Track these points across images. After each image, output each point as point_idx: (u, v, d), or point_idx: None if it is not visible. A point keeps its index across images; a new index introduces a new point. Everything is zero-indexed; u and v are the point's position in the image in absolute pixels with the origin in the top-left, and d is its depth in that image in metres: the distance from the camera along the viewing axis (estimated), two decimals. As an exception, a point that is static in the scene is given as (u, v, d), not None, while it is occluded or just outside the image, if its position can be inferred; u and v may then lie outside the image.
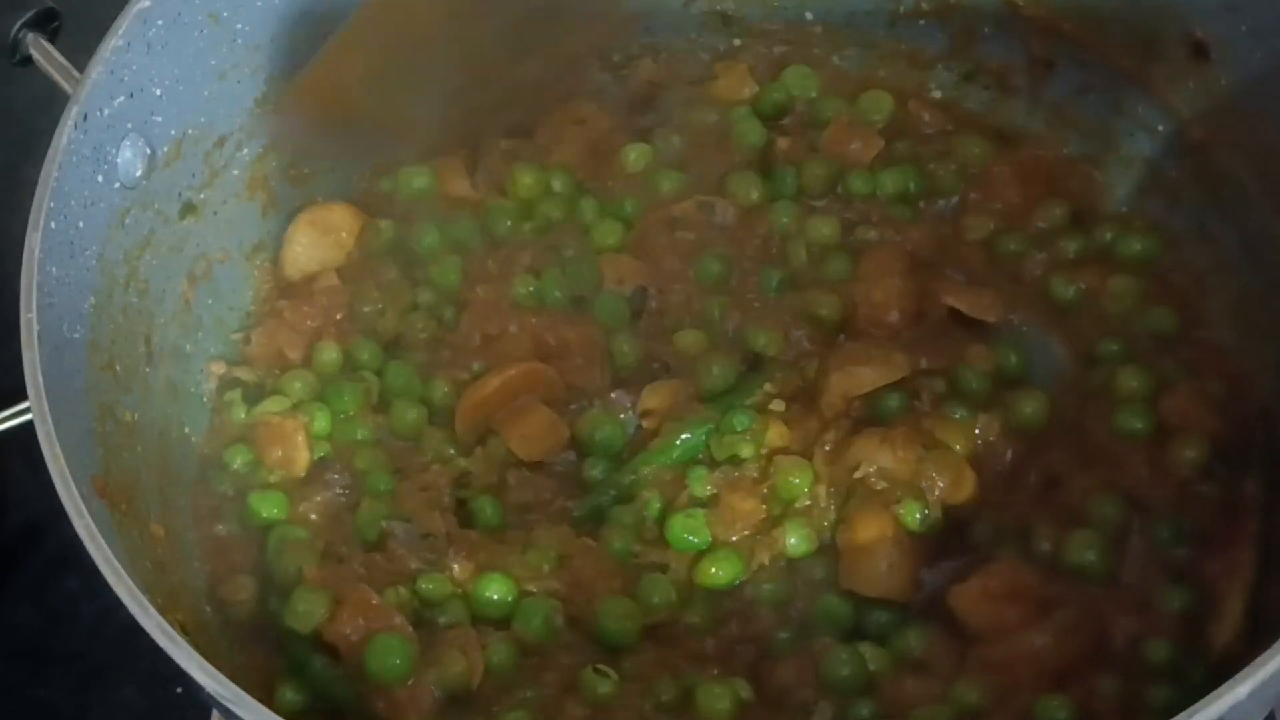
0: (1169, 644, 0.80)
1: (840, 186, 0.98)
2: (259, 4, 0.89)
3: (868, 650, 0.81)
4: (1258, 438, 0.86)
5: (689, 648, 0.83)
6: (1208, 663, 0.79)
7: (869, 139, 0.98)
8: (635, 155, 1.00)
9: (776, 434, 0.88)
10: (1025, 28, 0.97)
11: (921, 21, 1.00)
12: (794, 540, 0.85)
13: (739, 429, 0.87)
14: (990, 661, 0.80)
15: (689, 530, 0.86)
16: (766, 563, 0.85)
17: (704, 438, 0.88)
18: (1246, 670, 0.60)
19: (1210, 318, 0.92)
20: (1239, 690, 0.59)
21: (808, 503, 0.86)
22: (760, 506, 0.86)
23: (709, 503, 0.86)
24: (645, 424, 0.91)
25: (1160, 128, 0.94)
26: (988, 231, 0.96)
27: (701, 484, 0.87)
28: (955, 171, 0.98)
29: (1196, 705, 0.59)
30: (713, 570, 0.85)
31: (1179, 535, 0.83)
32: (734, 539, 0.86)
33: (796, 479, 0.86)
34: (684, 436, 0.88)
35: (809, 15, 1.01)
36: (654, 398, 0.91)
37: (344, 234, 0.97)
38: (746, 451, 0.87)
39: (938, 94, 1.02)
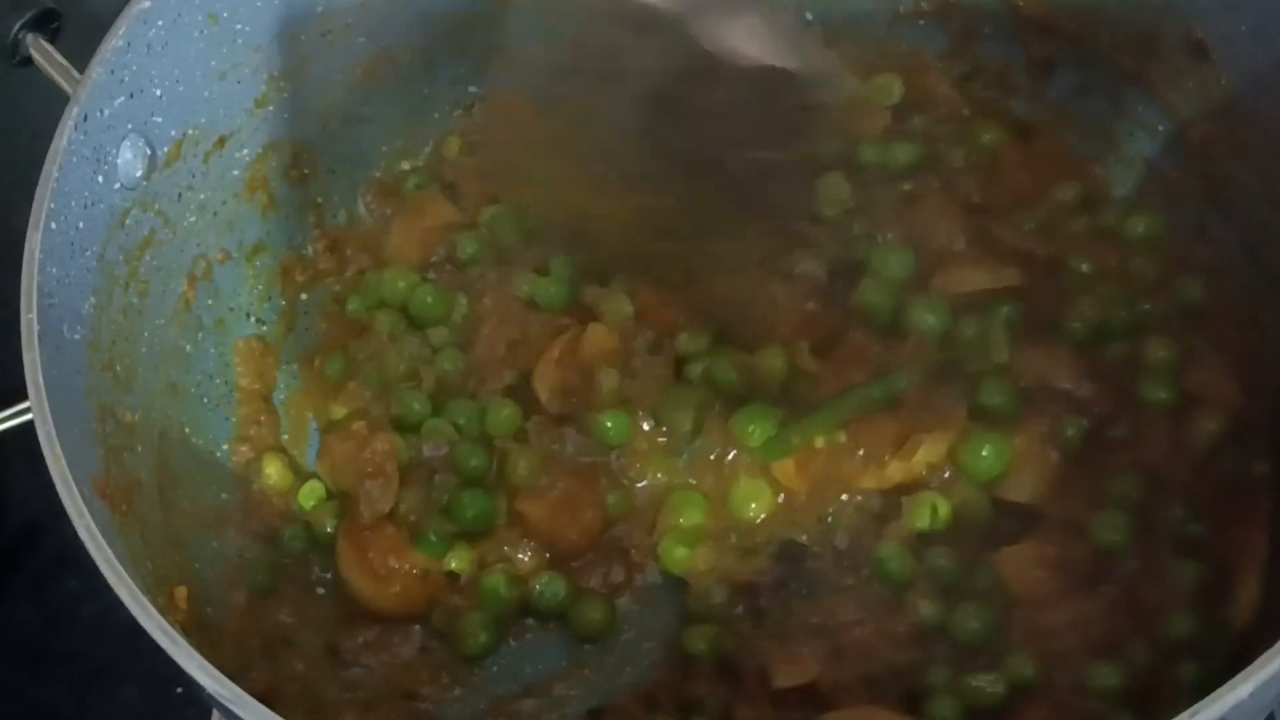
0: (1188, 619, 0.80)
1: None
2: (259, 4, 0.89)
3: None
4: (1270, 423, 0.86)
5: None
6: (1229, 641, 0.79)
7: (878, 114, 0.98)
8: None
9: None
10: (1025, 28, 0.97)
11: (921, 21, 1.00)
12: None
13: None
14: (1035, 628, 0.81)
15: (751, 497, 0.88)
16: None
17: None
18: (1248, 670, 0.60)
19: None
20: (1240, 690, 0.59)
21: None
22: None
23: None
24: None
25: (1160, 128, 0.94)
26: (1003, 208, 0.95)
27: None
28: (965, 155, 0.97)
29: (1197, 706, 0.59)
30: None
31: (1193, 513, 0.84)
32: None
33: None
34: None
35: (809, 15, 1.01)
36: None
37: None
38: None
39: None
